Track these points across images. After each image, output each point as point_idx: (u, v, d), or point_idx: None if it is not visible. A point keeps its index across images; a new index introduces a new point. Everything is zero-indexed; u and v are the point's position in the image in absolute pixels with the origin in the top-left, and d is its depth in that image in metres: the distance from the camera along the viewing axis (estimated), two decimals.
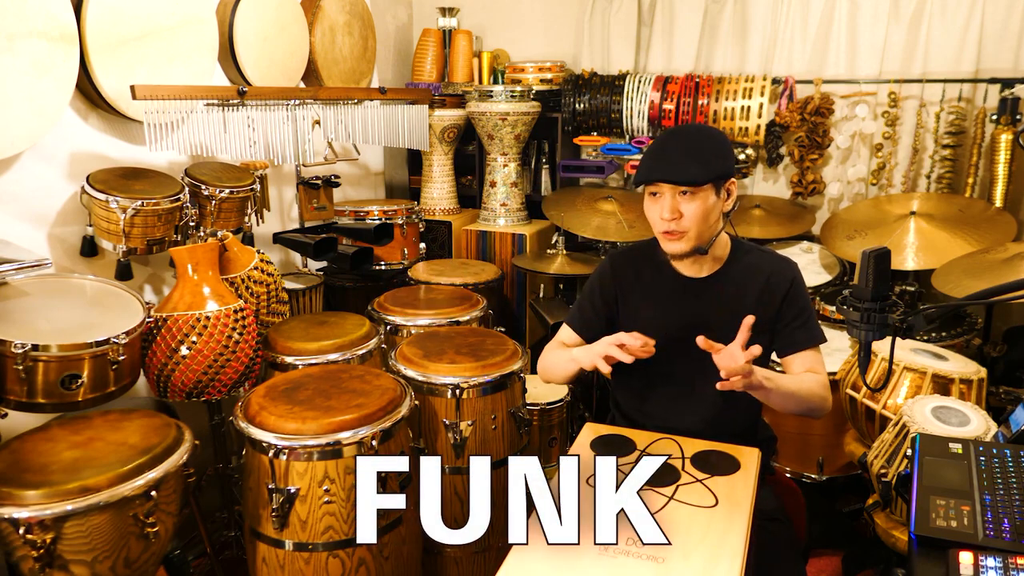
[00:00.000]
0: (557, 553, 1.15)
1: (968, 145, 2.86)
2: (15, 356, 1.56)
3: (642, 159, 1.64)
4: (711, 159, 1.58)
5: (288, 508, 1.66)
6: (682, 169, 1.56)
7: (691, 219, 1.58)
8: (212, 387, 1.99)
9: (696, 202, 1.57)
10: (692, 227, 1.59)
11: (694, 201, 1.57)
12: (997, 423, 1.72)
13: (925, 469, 1.30)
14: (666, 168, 1.57)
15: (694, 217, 1.58)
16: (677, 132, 1.70)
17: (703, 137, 1.62)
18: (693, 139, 1.62)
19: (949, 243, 2.60)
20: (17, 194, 2.03)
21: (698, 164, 1.56)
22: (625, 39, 3.38)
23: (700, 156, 1.57)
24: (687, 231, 1.59)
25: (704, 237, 1.62)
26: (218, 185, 2.30)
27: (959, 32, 2.84)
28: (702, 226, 1.60)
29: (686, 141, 1.62)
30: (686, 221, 1.58)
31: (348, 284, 3.05)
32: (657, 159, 1.59)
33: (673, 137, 1.65)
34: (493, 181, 3.34)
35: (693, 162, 1.56)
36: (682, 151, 1.58)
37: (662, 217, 1.59)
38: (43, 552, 1.35)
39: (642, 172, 1.61)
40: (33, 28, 1.91)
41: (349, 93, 2.84)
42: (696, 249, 1.63)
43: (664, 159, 1.59)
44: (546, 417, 2.60)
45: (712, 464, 1.41)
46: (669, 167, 1.57)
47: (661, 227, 1.61)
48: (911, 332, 1.26)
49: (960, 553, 1.09)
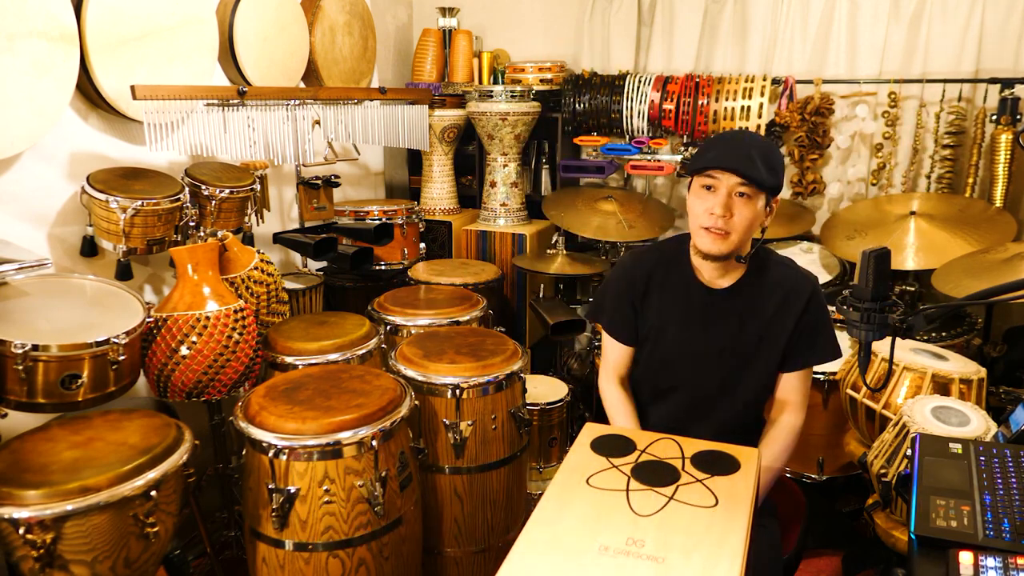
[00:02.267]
0: (557, 553, 1.15)
1: (968, 145, 2.86)
2: (15, 356, 1.56)
3: (705, 147, 1.58)
4: (777, 168, 1.56)
5: (288, 508, 1.66)
6: (753, 166, 1.51)
7: (740, 222, 1.54)
8: (212, 387, 1.99)
9: (749, 205, 1.54)
10: (738, 231, 1.55)
11: (748, 204, 1.54)
12: (997, 423, 1.72)
13: (925, 469, 1.30)
14: (737, 159, 1.52)
15: (743, 220, 1.54)
16: (744, 132, 1.66)
17: (769, 146, 1.58)
18: (761, 144, 1.57)
19: (949, 243, 2.60)
20: (17, 194, 2.03)
21: (765, 167, 1.52)
22: (625, 39, 3.38)
23: (767, 161, 1.54)
24: (731, 233, 1.55)
25: (744, 246, 1.60)
26: (218, 185, 2.30)
27: (959, 32, 2.84)
28: (745, 233, 1.57)
29: (755, 142, 1.57)
30: (735, 222, 1.54)
31: (348, 284, 3.05)
32: (726, 149, 1.54)
33: (742, 135, 1.61)
34: (493, 181, 3.34)
35: (762, 163, 1.52)
36: (751, 150, 1.53)
37: (712, 212, 1.54)
38: (43, 552, 1.35)
39: (709, 158, 1.54)
40: (33, 28, 1.91)
41: (349, 93, 2.84)
42: (733, 254, 1.59)
43: (734, 151, 1.53)
44: (546, 417, 2.60)
45: (712, 464, 1.41)
46: (741, 160, 1.51)
47: (707, 222, 1.56)
48: (911, 332, 1.26)
49: (960, 553, 1.09)
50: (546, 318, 2.88)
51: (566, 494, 1.30)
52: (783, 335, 1.65)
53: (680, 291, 1.69)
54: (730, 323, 1.66)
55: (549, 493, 1.31)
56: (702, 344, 1.67)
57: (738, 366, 1.68)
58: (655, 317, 1.71)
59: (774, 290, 1.66)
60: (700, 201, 1.57)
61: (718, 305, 1.67)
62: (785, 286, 1.66)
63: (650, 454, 1.45)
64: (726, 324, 1.66)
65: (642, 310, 1.72)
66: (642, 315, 1.72)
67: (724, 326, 1.67)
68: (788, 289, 1.65)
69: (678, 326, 1.69)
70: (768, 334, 1.66)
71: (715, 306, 1.67)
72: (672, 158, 3.16)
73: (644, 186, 3.50)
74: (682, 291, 1.69)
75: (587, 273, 3.00)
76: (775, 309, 1.65)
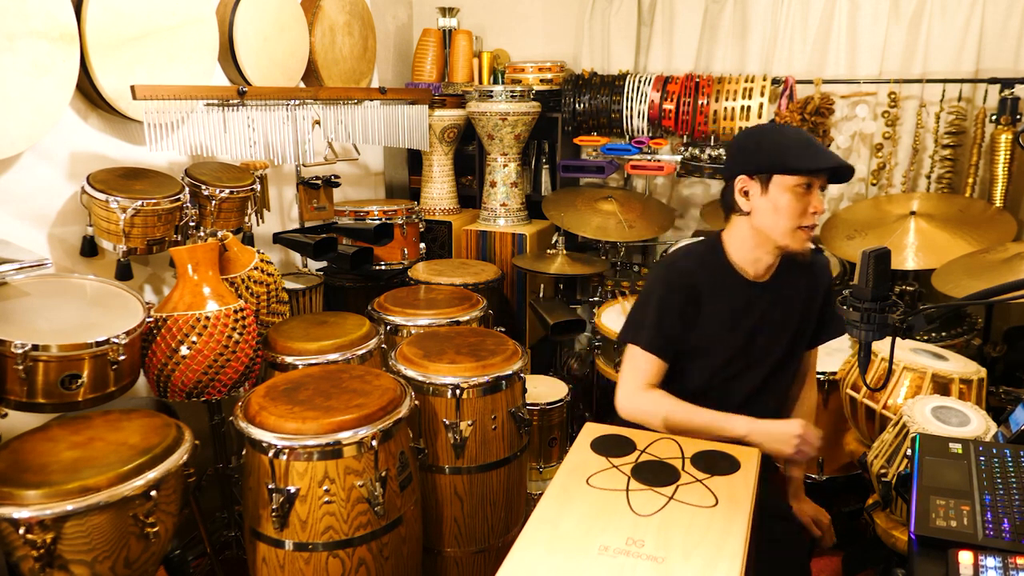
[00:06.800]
0: (557, 553, 1.15)
1: (968, 145, 2.86)
2: (15, 356, 1.56)
3: (792, 148, 1.55)
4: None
5: (288, 508, 1.66)
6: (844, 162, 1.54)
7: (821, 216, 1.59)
8: (212, 387, 1.99)
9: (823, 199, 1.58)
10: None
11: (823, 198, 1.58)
12: (997, 423, 1.72)
13: (925, 469, 1.30)
14: (833, 158, 1.54)
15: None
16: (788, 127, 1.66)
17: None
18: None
19: (949, 243, 2.60)
20: (17, 194, 2.03)
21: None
22: (625, 39, 3.38)
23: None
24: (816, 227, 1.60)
25: None
26: (218, 185, 2.30)
27: (959, 32, 2.84)
28: None
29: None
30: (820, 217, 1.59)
31: (348, 284, 3.05)
32: (817, 149, 1.54)
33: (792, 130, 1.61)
34: (493, 181, 3.34)
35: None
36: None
37: (813, 211, 1.55)
38: (43, 552, 1.35)
39: (810, 159, 1.52)
40: (33, 28, 1.91)
41: (349, 93, 2.84)
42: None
43: (818, 147, 1.54)
44: (546, 417, 2.60)
45: (712, 464, 1.41)
46: (831, 155, 1.54)
47: (806, 221, 1.56)
48: (911, 332, 1.26)
49: (960, 553, 1.09)
50: (546, 318, 2.88)
51: (566, 494, 1.31)
52: (815, 311, 1.74)
53: (729, 293, 1.68)
54: (776, 310, 1.70)
55: (549, 493, 1.31)
56: (758, 338, 1.69)
57: (788, 349, 1.73)
58: (709, 324, 1.68)
59: (802, 272, 1.72)
60: (797, 202, 1.55)
61: (764, 297, 1.70)
62: (809, 270, 1.72)
63: (650, 454, 1.45)
64: (773, 312, 1.70)
65: (696, 321, 1.67)
66: (697, 326, 1.68)
67: (772, 314, 1.70)
68: (811, 268, 1.72)
69: (732, 326, 1.69)
70: (807, 312, 1.74)
71: (762, 298, 1.69)
72: (672, 158, 3.16)
73: (644, 186, 3.50)
74: (731, 292, 1.68)
75: (587, 273, 3.00)
76: (807, 289, 1.72)
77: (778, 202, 1.56)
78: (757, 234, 1.62)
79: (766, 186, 1.57)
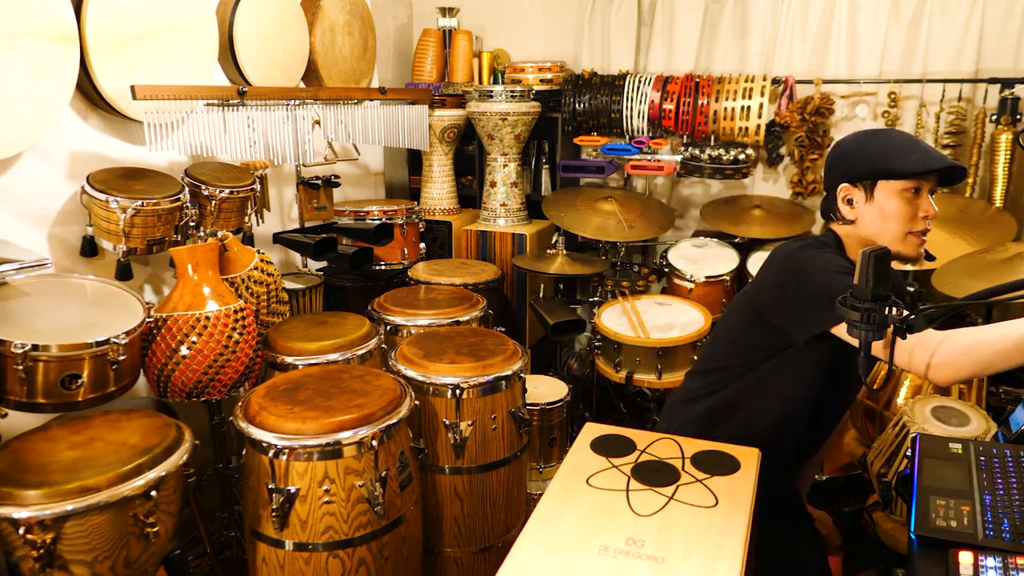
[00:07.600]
0: (557, 553, 1.15)
1: (968, 145, 2.86)
2: (15, 356, 1.56)
3: (897, 151, 1.49)
4: None
5: (288, 508, 1.66)
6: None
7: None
8: (212, 387, 1.99)
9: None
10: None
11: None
12: (997, 423, 1.72)
13: (925, 469, 1.30)
14: (942, 159, 1.46)
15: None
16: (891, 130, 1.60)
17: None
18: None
19: (949, 243, 2.60)
20: (17, 194, 2.03)
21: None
22: (625, 39, 3.38)
23: None
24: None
25: None
26: (218, 185, 2.30)
27: (959, 32, 2.84)
28: None
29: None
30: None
31: (348, 284, 3.05)
32: (925, 151, 1.48)
33: (895, 132, 1.55)
34: (493, 181, 3.34)
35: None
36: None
37: (927, 215, 1.49)
38: (43, 552, 1.35)
39: (918, 162, 1.46)
40: (33, 28, 1.91)
41: (349, 93, 2.84)
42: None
43: (931, 152, 1.47)
44: (546, 417, 2.60)
45: (712, 464, 1.41)
46: (945, 159, 1.46)
47: (917, 227, 1.50)
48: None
49: (960, 553, 1.09)
50: (546, 318, 2.88)
51: (566, 494, 1.31)
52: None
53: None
54: None
55: (549, 493, 1.31)
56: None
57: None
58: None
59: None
60: (909, 206, 1.49)
61: None
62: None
63: (650, 454, 1.45)
64: None
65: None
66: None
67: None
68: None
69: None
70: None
71: None
72: (672, 158, 3.16)
73: (644, 186, 3.50)
74: None
75: (587, 273, 3.00)
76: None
77: (885, 208, 1.50)
78: (862, 243, 1.56)
79: (871, 192, 1.51)
